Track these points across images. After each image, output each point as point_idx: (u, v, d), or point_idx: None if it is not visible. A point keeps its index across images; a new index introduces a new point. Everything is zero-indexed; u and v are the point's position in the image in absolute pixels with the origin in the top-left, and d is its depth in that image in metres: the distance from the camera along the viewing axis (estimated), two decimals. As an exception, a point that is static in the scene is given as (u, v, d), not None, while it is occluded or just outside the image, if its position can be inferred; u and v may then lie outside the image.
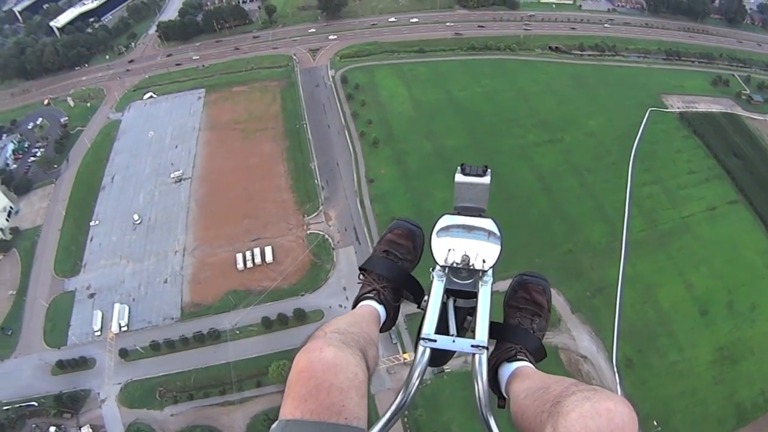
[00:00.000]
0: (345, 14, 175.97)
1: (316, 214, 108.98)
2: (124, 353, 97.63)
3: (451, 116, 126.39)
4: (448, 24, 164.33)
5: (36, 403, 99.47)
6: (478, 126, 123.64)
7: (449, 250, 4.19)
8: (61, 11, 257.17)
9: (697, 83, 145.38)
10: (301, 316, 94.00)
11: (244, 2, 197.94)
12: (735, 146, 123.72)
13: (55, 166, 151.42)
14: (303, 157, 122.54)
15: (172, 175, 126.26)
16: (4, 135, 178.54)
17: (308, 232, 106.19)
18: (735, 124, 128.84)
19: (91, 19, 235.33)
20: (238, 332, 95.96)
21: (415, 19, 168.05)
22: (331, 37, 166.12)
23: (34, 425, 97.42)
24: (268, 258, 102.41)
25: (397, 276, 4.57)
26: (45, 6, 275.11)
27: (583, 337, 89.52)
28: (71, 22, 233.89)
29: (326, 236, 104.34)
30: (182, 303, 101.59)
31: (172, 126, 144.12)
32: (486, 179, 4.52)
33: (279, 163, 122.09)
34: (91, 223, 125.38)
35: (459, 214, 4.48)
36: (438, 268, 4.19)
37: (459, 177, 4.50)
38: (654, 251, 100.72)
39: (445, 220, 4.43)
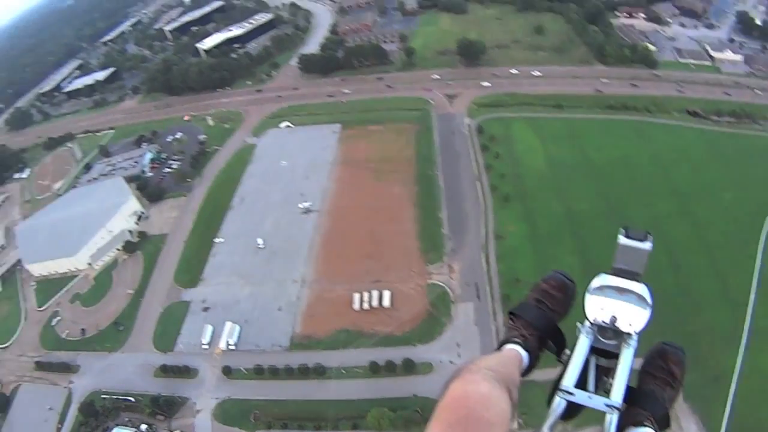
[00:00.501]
0: (484, 62, 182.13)
1: (439, 264, 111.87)
2: (227, 371, 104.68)
3: (584, 177, 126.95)
4: (586, 80, 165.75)
5: (133, 399, 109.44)
6: (611, 190, 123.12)
7: (600, 309, 4.60)
8: (208, 35, 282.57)
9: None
10: (410, 367, 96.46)
11: (384, 42, 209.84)
12: None
13: (189, 180, 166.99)
14: (432, 204, 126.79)
15: (300, 206, 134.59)
16: (144, 144, 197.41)
17: (429, 281, 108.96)
18: None
19: (236, 45, 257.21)
20: (343, 372, 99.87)
21: (552, 73, 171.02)
22: (468, 83, 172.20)
23: (127, 419, 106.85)
24: (386, 302, 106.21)
25: (545, 326, 4.86)
26: (194, 28, 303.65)
27: (691, 427, 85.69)
28: (217, 46, 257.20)
29: (447, 289, 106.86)
30: (293, 333, 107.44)
31: (305, 157, 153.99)
32: (647, 245, 4.93)
33: (408, 208, 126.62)
34: (216, 240, 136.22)
35: (615, 275, 4.87)
36: (586, 324, 4.62)
37: (622, 239, 4.95)
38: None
39: (601, 280, 4.83)
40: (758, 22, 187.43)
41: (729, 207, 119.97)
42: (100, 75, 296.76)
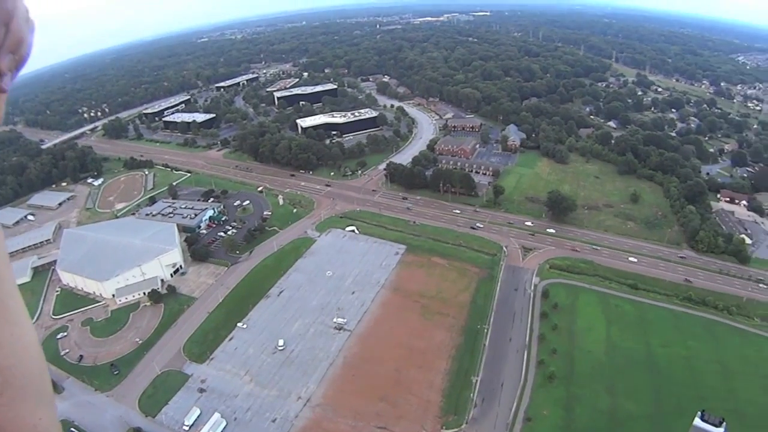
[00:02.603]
0: (570, 220, 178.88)
1: (456, 430, 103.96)
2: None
3: (642, 373, 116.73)
4: (671, 264, 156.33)
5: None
6: (667, 394, 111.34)
7: None
8: (312, 114, 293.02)
9: None
10: None
11: (476, 173, 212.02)
12: None
13: (237, 252, 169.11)
14: (470, 362, 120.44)
15: (335, 320, 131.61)
16: (212, 200, 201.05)
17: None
18: None
19: (333, 132, 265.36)
20: None
21: (637, 249, 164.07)
22: (548, 239, 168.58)
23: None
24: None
25: None
26: (302, 103, 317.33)
27: None
28: (315, 127, 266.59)
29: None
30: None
31: (358, 270, 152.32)
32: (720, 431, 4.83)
33: (443, 359, 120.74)
34: (239, 324, 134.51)
35: None
36: None
37: (698, 422, 5.04)
38: None
39: None
40: None
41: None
42: (200, 117, 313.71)
